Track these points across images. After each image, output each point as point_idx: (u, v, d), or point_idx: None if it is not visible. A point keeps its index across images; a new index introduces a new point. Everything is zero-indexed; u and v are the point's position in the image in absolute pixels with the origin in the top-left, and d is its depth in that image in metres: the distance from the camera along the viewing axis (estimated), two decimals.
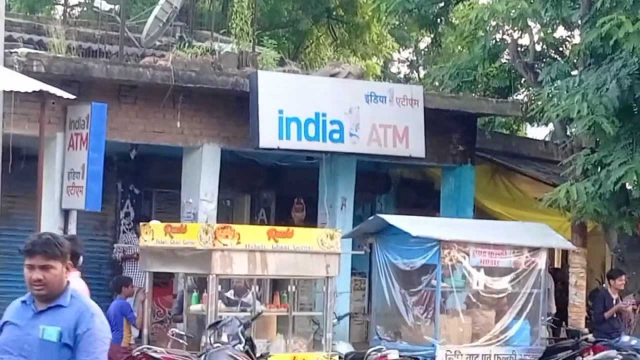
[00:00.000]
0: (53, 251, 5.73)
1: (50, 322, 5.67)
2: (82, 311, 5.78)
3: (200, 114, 19.74)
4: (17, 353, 5.71)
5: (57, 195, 18.21)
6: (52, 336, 5.62)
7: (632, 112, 18.29)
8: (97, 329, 5.79)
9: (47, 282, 5.68)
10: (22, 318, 5.83)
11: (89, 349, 5.69)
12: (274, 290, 17.24)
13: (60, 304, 5.75)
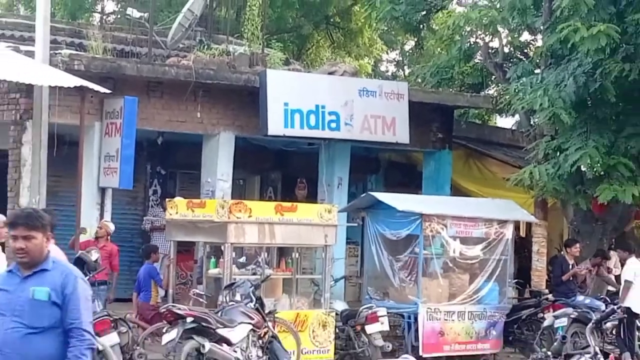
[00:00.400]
0: (34, 223, 5.86)
1: (39, 284, 5.78)
2: (67, 274, 5.93)
3: (217, 106, 19.58)
4: (9, 314, 5.76)
5: (95, 176, 18.05)
6: (42, 295, 5.72)
7: (586, 105, 18.12)
8: (81, 289, 5.94)
9: (29, 251, 5.78)
10: (10, 284, 5.91)
11: (77, 306, 5.81)
12: (280, 257, 17.12)
13: (44, 268, 5.87)
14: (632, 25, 17.16)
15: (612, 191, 18.06)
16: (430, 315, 17.66)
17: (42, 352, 5.78)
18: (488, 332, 18.41)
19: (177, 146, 20.81)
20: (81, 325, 5.80)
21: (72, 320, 5.77)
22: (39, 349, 5.76)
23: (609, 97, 17.79)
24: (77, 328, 5.78)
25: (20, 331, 5.72)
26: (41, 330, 5.75)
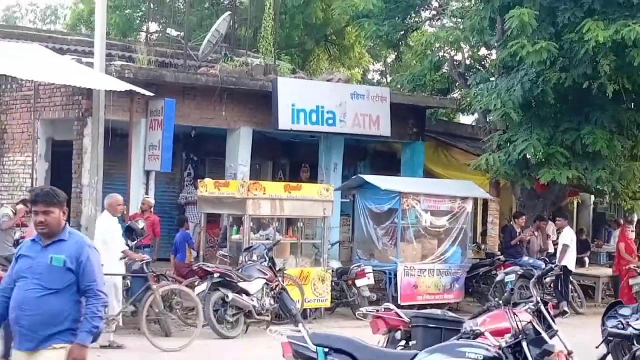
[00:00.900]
0: (52, 200, 5.93)
1: (56, 252, 5.85)
2: (81, 244, 6.03)
3: (238, 107, 19.55)
4: (31, 277, 5.83)
5: (141, 161, 18.08)
6: (59, 262, 5.82)
7: (531, 106, 18.10)
8: (94, 257, 6.05)
9: (48, 224, 5.87)
10: (33, 251, 5.96)
11: (92, 271, 5.94)
12: (288, 226, 17.25)
13: (62, 238, 5.94)
14: (567, 42, 17.14)
15: (551, 174, 18.10)
16: (407, 272, 17.73)
17: (55, 309, 5.82)
18: (452, 286, 18.50)
19: (207, 138, 20.78)
20: (97, 286, 5.94)
21: (88, 283, 5.90)
22: (53, 307, 5.81)
23: (549, 100, 17.80)
24: (93, 289, 5.91)
25: (39, 292, 5.79)
26: (56, 291, 5.82)
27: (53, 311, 5.81)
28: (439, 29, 21.92)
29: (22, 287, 5.88)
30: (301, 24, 28.01)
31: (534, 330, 7.50)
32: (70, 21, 36.80)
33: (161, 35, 27.36)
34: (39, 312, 5.78)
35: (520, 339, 7.26)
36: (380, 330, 9.55)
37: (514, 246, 19.52)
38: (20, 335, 5.88)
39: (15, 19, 47.65)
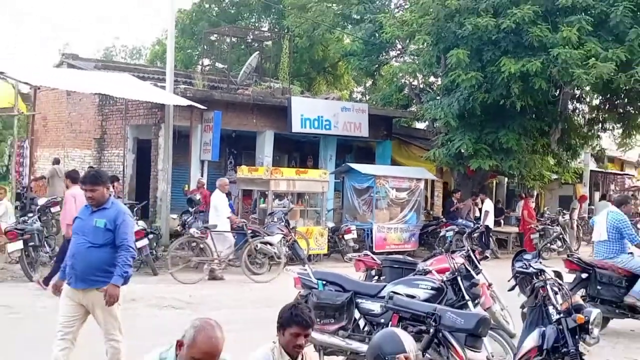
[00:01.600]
0: (96, 181, 5.97)
1: (100, 217, 5.89)
2: (118, 211, 5.98)
3: (264, 116, 19.49)
4: (81, 234, 5.91)
5: (198, 153, 18.02)
6: (100, 224, 5.85)
7: (464, 116, 17.85)
8: (128, 220, 6.02)
9: (94, 198, 5.92)
10: (84, 215, 6.03)
11: (125, 231, 5.93)
12: (298, 198, 17.15)
13: (105, 207, 5.96)
14: (489, 73, 17.02)
15: (477, 163, 18.06)
16: (379, 229, 17.70)
17: (98, 258, 5.82)
18: (410, 239, 18.45)
19: (242, 138, 20.64)
20: (128, 242, 5.89)
21: (121, 239, 5.86)
22: (97, 257, 5.82)
23: (476, 112, 17.69)
24: (124, 244, 5.85)
25: (86, 245, 5.83)
26: (98, 245, 5.83)
27: (97, 260, 5.82)
28: (402, 63, 21.78)
29: (75, 241, 5.97)
30: (307, 60, 27.96)
31: (465, 269, 7.50)
32: (150, 57, 36.78)
33: (211, 67, 27.33)
34: (87, 260, 5.81)
35: (456, 275, 7.27)
36: (360, 269, 9.56)
37: (452, 212, 19.54)
38: (75, 277, 5.87)
39: (112, 55, 47.71)
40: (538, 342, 4.94)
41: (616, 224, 9.25)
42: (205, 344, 3.63)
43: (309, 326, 4.28)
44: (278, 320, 4.28)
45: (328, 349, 6.63)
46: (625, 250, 9.31)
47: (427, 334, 5.63)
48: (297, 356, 4.27)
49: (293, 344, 4.22)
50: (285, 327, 4.22)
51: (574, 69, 15.70)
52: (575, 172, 23.35)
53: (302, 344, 4.26)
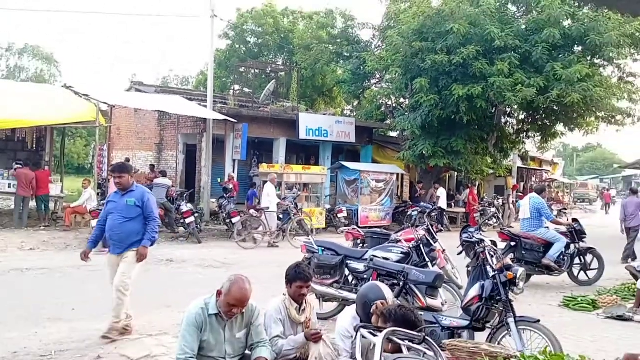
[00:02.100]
0: (123, 170, 5.74)
1: (129, 197, 5.68)
2: (143, 192, 5.77)
3: (279, 127, 19.42)
4: (117, 212, 5.66)
5: (230, 154, 17.97)
6: (131, 202, 5.65)
7: (425, 127, 17.73)
8: (152, 199, 5.80)
9: (121, 183, 5.67)
10: (116, 199, 5.75)
11: (151, 207, 5.72)
12: (304, 187, 16.94)
13: (132, 189, 5.73)
14: (443, 95, 16.94)
15: (435, 161, 18.01)
16: (363, 209, 17.64)
17: (132, 228, 5.64)
18: (385, 217, 18.31)
19: (263, 143, 20.48)
20: (154, 215, 5.73)
21: (148, 213, 5.70)
22: (130, 227, 5.64)
23: (434, 124, 17.60)
24: (151, 217, 5.71)
25: (121, 220, 5.63)
26: (130, 219, 5.64)
27: (131, 231, 5.64)
28: (380, 88, 21.75)
29: (111, 218, 5.70)
30: (310, 86, 27.89)
31: (426, 239, 7.50)
32: (195, 84, 36.78)
33: (240, 91, 27.20)
34: (123, 232, 5.64)
35: (419, 243, 7.27)
36: (349, 239, 9.54)
37: (416, 197, 19.51)
38: (114, 246, 5.71)
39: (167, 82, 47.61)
40: (479, 292, 4.94)
41: (536, 205, 9.28)
42: (238, 293, 3.70)
43: (309, 280, 4.34)
44: (285, 276, 4.33)
45: (326, 297, 6.66)
46: (542, 226, 9.35)
47: (398, 286, 5.64)
48: (302, 303, 4.29)
49: (298, 294, 4.27)
50: (291, 281, 4.27)
51: (505, 92, 15.83)
52: (507, 168, 23.51)
53: (305, 293, 4.31)
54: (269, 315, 4.16)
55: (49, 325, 5.98)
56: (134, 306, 7.02)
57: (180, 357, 3.63)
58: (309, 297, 4.51)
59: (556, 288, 9.25)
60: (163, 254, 11.35)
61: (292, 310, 4.26)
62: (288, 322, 4.25)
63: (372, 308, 3.82)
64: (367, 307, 4.02)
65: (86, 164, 39.48)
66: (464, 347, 3.59)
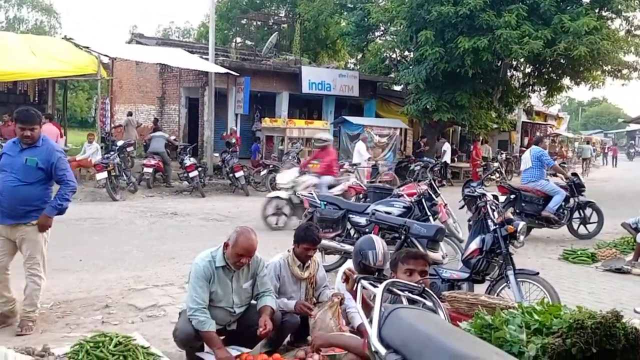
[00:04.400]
0: (36, 120, 4.46)
1: (30, 155, 4.43)
2: (51, 149, 4.52)
3: (281, 81, 19.27)
4: (10, 171, 4.42)
5: (233, 108, 17.84)
6: (32, 163, 4.41)
7: (430, 80, 17.49)
8: (62, 156, 4.61)
9: (32, 137, 4.41)
10: (13, 152, 4.48)
11: (62, 167, 4.51)
12: (306, 141, 16.81)
13: (36, 145, 4.45)
14: (449, 48, 16.64)
15: (439, 116, 17.90)
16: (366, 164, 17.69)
17: (27, 195, 4.41)
18: (388, 171, 18.18)
19: (266, 97, 20.23)
20: (66, 177, 4.55)
21: (60, 175, 4.51)
22: (26, 194, 4.41)
23: (439, 78, 17.36)
24: (64, 180, 4.54)
25: (15, 182, 4.40)
26: (27, 183, 4.41)
27: (26, 198, 4.43)
28: (384, 41, 21.34)
29: (2, 178, 4.46)
30: (313, 38, 27.44)
31: (428, 193, 7.52)
32: (197, 36, 36.29)
33: (242, 44, 26.78)
34: (16, 198, 4.42)
35: (421, 198, 7.29)
36: (352, 193, 9.60)
37: (419, 153, 19.48)
38: (2, 213, 4.46)
39: (169, 35, 46.86)
40: (479, 245, 4.99)
41: (537, 154, 9.39)
42: (245, 242, 3.76)
43: (317, 243, 4.37)
44: (295, 236, 4.34)
45: (328, 250, 6.74)
46: (543, 177, 9.44)
47: (400, 240, 5.70)
48: (307, 261, 4.34)
49: (305, 255, 4.31)
50: (300, 242, 4.29)
51: (512, 45, 15.59)
52: (511, 123, 23.41)
53: (311, 255, 4.33)
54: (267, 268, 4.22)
55: (56, 276, 6.09)
56: (139, 260, 7.14)
57: (194, 306, 3.71)
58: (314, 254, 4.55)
59: (556, 242, 9.34)
60: (167, 207, 11.46)
61: (294, 267, 4.32)
62: (290, 278, 4.31)
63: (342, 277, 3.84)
64: (358, 256, 4.09)
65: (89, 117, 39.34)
66: (463, 299, 3.66)
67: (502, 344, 2.43)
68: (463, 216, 8.24)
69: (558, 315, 2.59)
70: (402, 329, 1.56)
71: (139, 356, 3.75)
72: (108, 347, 3.75)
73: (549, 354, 2.29)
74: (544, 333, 2.49)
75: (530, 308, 2.77)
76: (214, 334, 3.69)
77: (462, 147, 25.12)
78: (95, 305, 5.18)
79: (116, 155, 12.76)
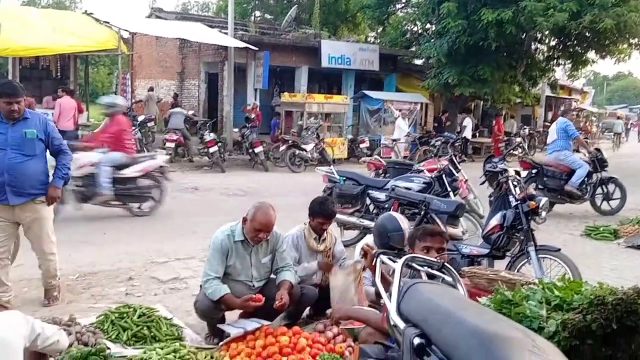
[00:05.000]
0: (20, 92, 4.16)
1: (26, 128, 4.19)
2: (42, 119, 4.36)
3: (301, 55, 19.13)
4: (9, 148, 4.13)
5: (252, 83, 17.84)
6: (31, 135, 4.19)
7: (452, 54, 17.26)
8: (53, 126, 4.43)
9: (20, 110, 4.14)
10: (1, 128, 4.15)
11: (57, 136, 4.36)
12: (326, 116, 16.66)
13: (26, 117, 4.20)
14: (472, 21, 16.38)
15: (461, 90, 17.71)
16: (385, 139, 17.55)
17: (35, 170, 4.24)
18: (408, 147, 17.74)
19: (285, 72, 20.13)
20: (62, 146, 4.40)
21: (57, 145, 4.37)
22: (34, 168, 4.23)
23: (461, 51, 17.10)
24: (61, 149, 4.39)
25: (19, 158, 4.16)
26: (32, 156, 4.21)
27: (34, 172, 4.25)
28: (405, 14, 21.16)
29: (2, 156, 4.14)
30: (333, 11, 27.12)
31: (448, 169, 7.48)
32: (216, 10, 36.09)
33: (261, 18, 26.63)
34: (22, 174, 4.19)
35: (441, 173, 7.26)
36: (371, 169, 9.57)
37: (440, 126, 19.28)
38: (12, 192, 4.19)
39: (188, 9, 46.74)
40: (500, 221, 4.97)
41: (563, 125, 9.27)
42: (263, 218, 3.79)
43: (332, 217, 4.43)
44: (310, 209, 4.38)
45: (347, 225, 6.76)
46: (569, 148, 9.32)
47: (419, 215, 5.69)
48: (323, 234, 4.39)
49: (320, 228, 4.36)
50: (314, 215, 4.34)
51: (537, 17, 15.28)
52: (535, 97, 23.03)
53: (326, 228, 4.39)
54: (285, 242, 4.26)
55: (82, 249, 6.23)
56: (161, 233, 7.25)
57: (204, 278, 3.80)
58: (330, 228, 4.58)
59: (579, 218, 9.24)
60: (188, 182, 11.58)
61: (310, 239, 4.36)
62: (306, 251, 4.37)
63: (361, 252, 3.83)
64: (383, 237, 4.09)
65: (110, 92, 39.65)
66: (482, 274, 3.65)
67: (522, 319, 2.43)
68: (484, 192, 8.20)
69: (579, 292, 2.58)
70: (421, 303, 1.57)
71: (162, 327, 3.85)
72: (132, 317, 3.88)
73: (568, 329, 2.29)
74: (564, 309, 2.49)
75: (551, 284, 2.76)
76: (228, 296, 3.76)
77: (483, 122, 24.80)
78: (119, 277, 5.30)
79: (137, 131, 12.86)
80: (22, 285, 4.78)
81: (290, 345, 3.56)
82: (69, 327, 3.67)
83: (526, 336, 1.36)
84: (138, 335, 3.74)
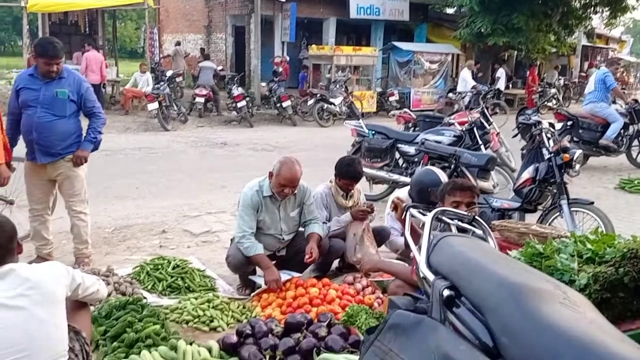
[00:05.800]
0: (60, 53, 4.04)
1: (59, 88, 4.07)
2: (77, 79, 4.20)
3: (329, 6, 18.75)
4: (40, 107, 4.04)
5: (279, 36, 17.68)
6: (63, 95, 4.07)
7: (485, 2, 16.72)
8: (89, 86, 4.30)
9: (58, 70, 4.02)
10: (35, 85, 4.07)
11: (90, 98, 4.20)
12: (354, 69, 16.46)
13: (62, 76, 4.08)
14: None
15: (494, 40, 17.22)
16: (415, 92, 17.30)
17: (65, 130, 4.13)
18: (438, 100, 17.50)
19: (313, 23, 19.82)
20: (95, 109, 4.25)
21: (89, 107, 4.22)
22: (63, 128, 4.12)
23: None
24: (94, 112, 4.24)
25: (49, 117, 4.07)
26: (62, 117, 4.10)
27: (63, 132, 4.14)
28: None
29: (31, 113, 4.09)
30: None
31: (480, 122, 7.35)
32: None
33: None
34: (52, 133, 4.11)
35: (472, 126, 7.14)
36: (401, 122, 9.45)
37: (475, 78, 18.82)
38: (39, 151, 4.14)
39: None
40: (532, 175, 4.90)
41: (602, 76, 8.95)
42: (288, 173, 3.82)
43: (359, 179, 4.43)
44: (336, 170, 4.38)
45: (376, 179, 6.76)
46: (606, 101, 9.04)
47: (450, 169, 5.64)
48: (350, 191, 4.42)
49: (346, 187, 4.38)
50: (341, 177, 4.33)
51: None
52: (570, 46, 22.25)
53: (351, 189, 4.40)
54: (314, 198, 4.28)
55: (116, 203, 6.39)
56: (192, 188, 7.38)
57: (239, 234, 3.87)
58: None
59: (613, 171, 9.04)
60: (217, 137, 11.66)
61: (338, 197, 4.40)
62: (335, 208, 4.41)
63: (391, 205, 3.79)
64: (423, 192, 4.08)
65: (138, 47, 39.72)
66: (513, 228, 3.63)
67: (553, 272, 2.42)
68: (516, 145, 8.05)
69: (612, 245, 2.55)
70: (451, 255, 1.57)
71: (195, 278, 3.97)
72: (167, 269, 4.01)
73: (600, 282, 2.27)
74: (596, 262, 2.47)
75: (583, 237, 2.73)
76: (262, 256, 3.85)
77: (517, 72, 24.11)
78: (153, 230, 5.44)
79: (166, 86, 12.92)
80: (61, 237, 4.96)
81: (320, 296, 3.64)
82: (107, 277, 3.82)
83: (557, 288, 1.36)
84: (172, 285, 3.88)
